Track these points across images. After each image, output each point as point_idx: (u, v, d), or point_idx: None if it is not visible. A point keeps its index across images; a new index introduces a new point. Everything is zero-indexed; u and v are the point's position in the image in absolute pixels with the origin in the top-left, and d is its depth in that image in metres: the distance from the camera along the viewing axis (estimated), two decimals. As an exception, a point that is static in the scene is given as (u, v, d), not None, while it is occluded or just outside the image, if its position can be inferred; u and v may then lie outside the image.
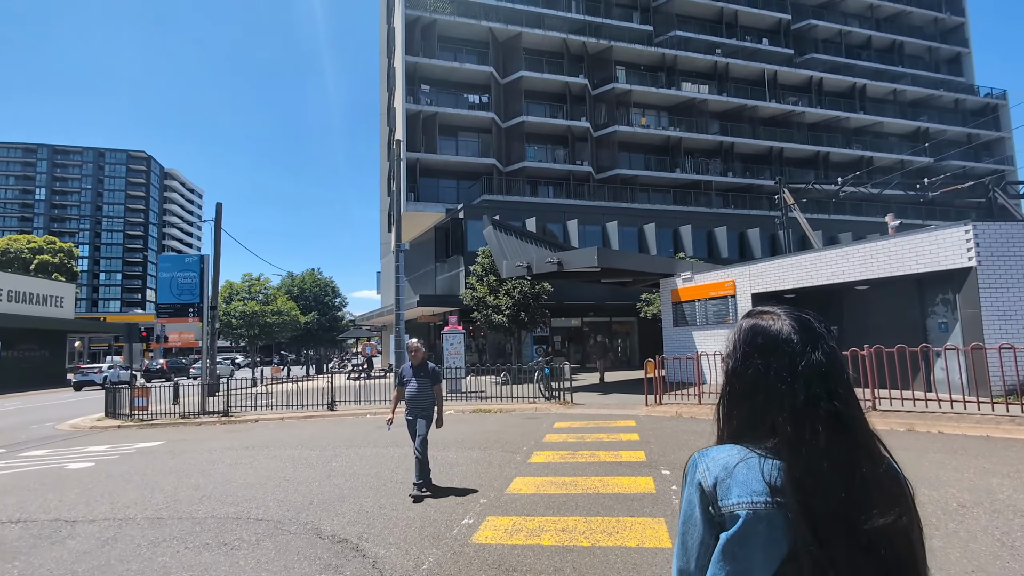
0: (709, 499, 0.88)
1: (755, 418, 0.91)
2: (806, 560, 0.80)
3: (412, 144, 30.17)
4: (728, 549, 0.84)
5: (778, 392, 0.88)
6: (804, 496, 0.82)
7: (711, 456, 0.92)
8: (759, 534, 0.83)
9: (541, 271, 15.58)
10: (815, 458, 0.83)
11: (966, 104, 45.89)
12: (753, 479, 0.85)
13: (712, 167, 37.18)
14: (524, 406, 12.63)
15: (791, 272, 13.21)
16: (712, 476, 0.88)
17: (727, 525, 0.85)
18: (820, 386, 0.87)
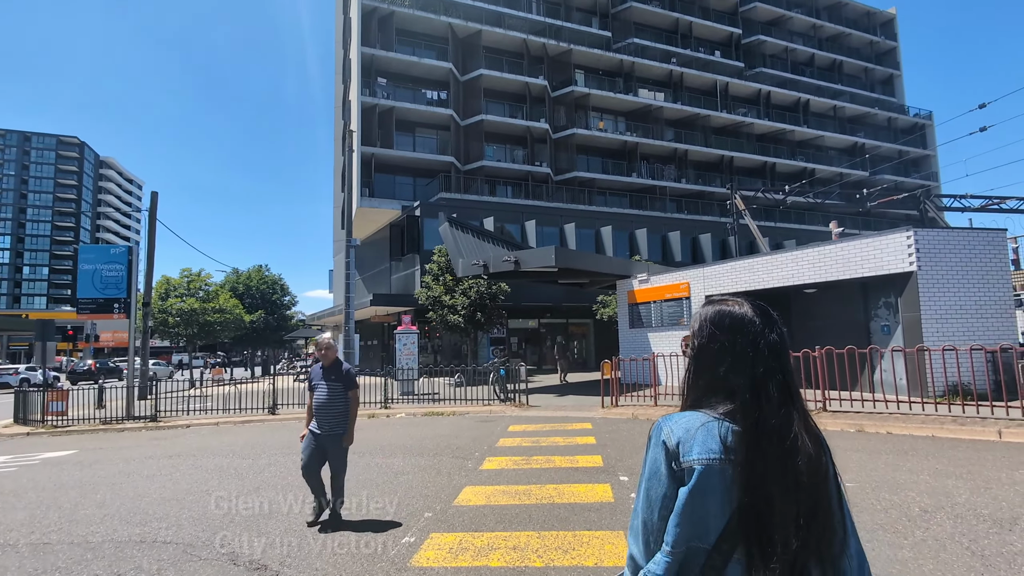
0: (672, 456, 1.00)
1: (716, 386, 1.05)
2: (752, 504, 0.94)
3: (367, 138, 29.22)
4: (688, 500, 0.97)
5: (742, 363, 1.03)
6: (756, 444, 0.97)
7: (675, 420, 1.05)
8: (714, 485, 0.96)
9: (498, 270, 15.22)
10: (768, 416, 0.99)
11: (898, 123, 48.94)
12: (710, 439, 0.99)
13: (667, 173, 37.98)
14: (479, 408, 12.22)
15: (743, 274, 13.40)
16: (676, 437, 1.02)
17: (686, 479, 0.98)
18: (775, 360, 1.04)
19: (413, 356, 16.87)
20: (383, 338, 32.98)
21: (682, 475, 0.98)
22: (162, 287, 25.05)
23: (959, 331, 10.00)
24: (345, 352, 15.04)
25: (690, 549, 0.96)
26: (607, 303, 25.68)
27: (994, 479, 4.59)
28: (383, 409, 12.94)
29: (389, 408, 13.01)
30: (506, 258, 14.62)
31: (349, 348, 14.97)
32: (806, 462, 0.97)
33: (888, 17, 51.54)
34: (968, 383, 9.25)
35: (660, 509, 1.00)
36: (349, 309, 15.13)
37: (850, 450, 6.12)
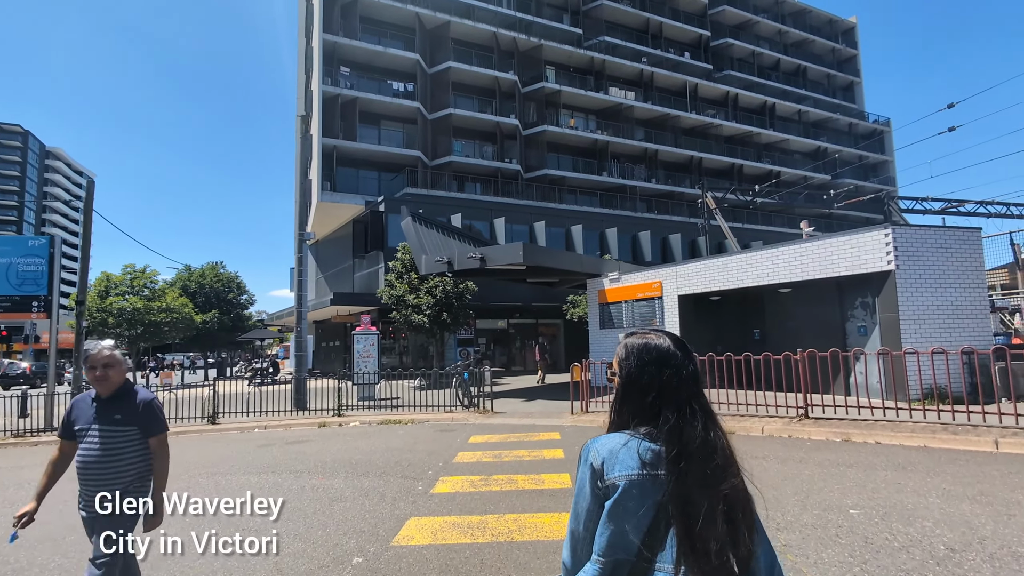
0: (597, 475, 1.13)
1: (642, 411, 1.18)
2: (682, 511, 1.05)
3: (329, 130, 27.90)
4: (610, 512, 1.10)
5: (668, 391, 1.16)
6: (683, 464, 1.08)
7: (600, 443, 1.18)
8: (632, 498, 1.09)
9: (463, 267, 14.38)
10: (692, 437, 1.11)
11: (858, 128, 50.27)
12: (629, 458, 1.11)
13: (637, 173, 37.81)
14: (439, 416, 11.35)
15: (717, 274, 12.95)
16: (600, 458, 1.14)
17: (610, 494, 1.10)
18: (695, 387, 1.18)
19: (372, 359, 15.88)
20: (345, 339, 31.64)
21: (606, 491, 1.12)
22: (101, 284, 23.22)
23: (937, 332, 9.72)
24: (297, 355, 13.93)
25: (617, 560, 1.08)
26: (577, 303, 25.14)
27: (1013, 502, 4.06)
28: (336, 417, 11.93)
29: (343, 416, 12.01)
30: (471, 255, 13.80)
31: (301, 350, 13.87)
32: (730, 473, 1.10)
33: (849, 25, 52.92)
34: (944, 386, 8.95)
35: (586, 521, 1.14)
36: (301, 308, 14.02)
37: (842, 465, 5.56)
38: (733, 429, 7.94)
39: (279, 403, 12.67)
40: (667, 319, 14.08)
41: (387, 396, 14.28)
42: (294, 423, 11.59)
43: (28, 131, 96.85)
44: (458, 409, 11.81)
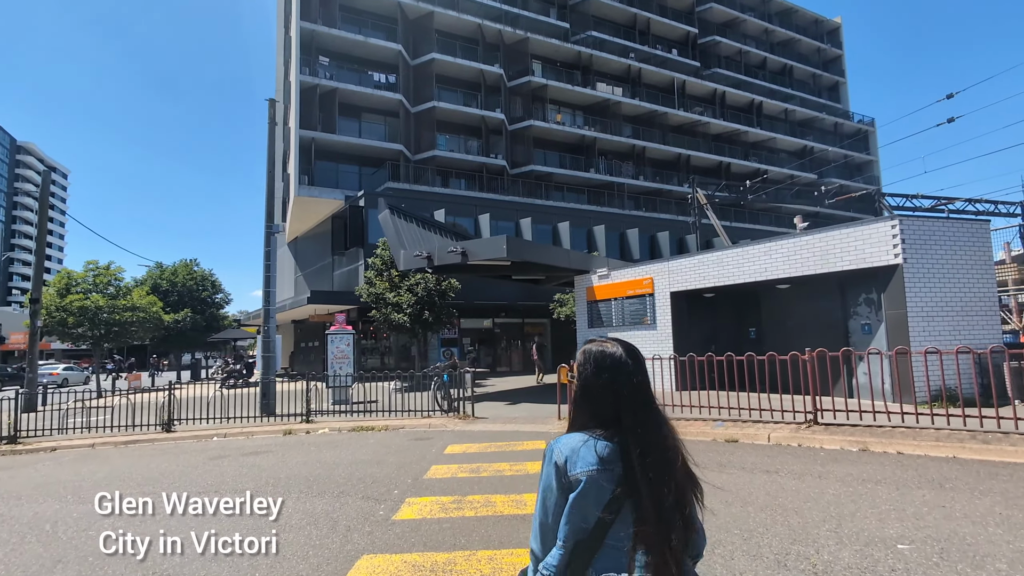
0: (561, 472, 1.28)
1: (598, 412, 1.33)
2: (641, 498, 1.23)
3: (307, 121, 26.82)
4: (573, 503, 1.26)
5: (623, 396, 1.31)
6: (641, 460, 1.24)
7: (563, 442, 1.33)
8: (592, 489, 1.25)
9: (444, 262, 13.54)
10: (648, 436, 1.28)
11: (843, 128, 50.36)
12: (589, 455, 1.27)
13: (625, 170, 37.24)
14: (416, 422, 10.50)
15: (712, 269, 12.28)
16: (564, 456, 1.29)
17: (574, 487, 1.26)
18: (646, 393, 1.34)
19: (348, 360, 14.95)
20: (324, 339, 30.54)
21: (570, 485, 1.27)
22: (61, 282, 21.90)
23: (947, 329, 9.13)
24: (264, 356, 12.97)
25: (577, 542, 1.26)
26: (564, 301, 24.41)
27: (1094, 534, 3.37)
28: (303, 423, 11.01)
29: (311, 422, 11.10)
30: (452, 249, 12.97)
31: (269, 351, 12.91)
32: (678, 467, 1.28)
33: (834, 26, 53.05)
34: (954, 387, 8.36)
35: (553, 513, 1.29)
36: (269, 305, 13.06)
37: (869, 481, 4.86)
38: (736, 436, 7.24)
39: (245, 408, 11.70)
40: (659, 317, 13.39)
41: (363, 400, 13.39)
42: (258, 430, 10.66)
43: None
44: (437, 414, 10.96)
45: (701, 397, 8.54)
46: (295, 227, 32.58)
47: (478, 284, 24.83)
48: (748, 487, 4.94)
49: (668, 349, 12.98)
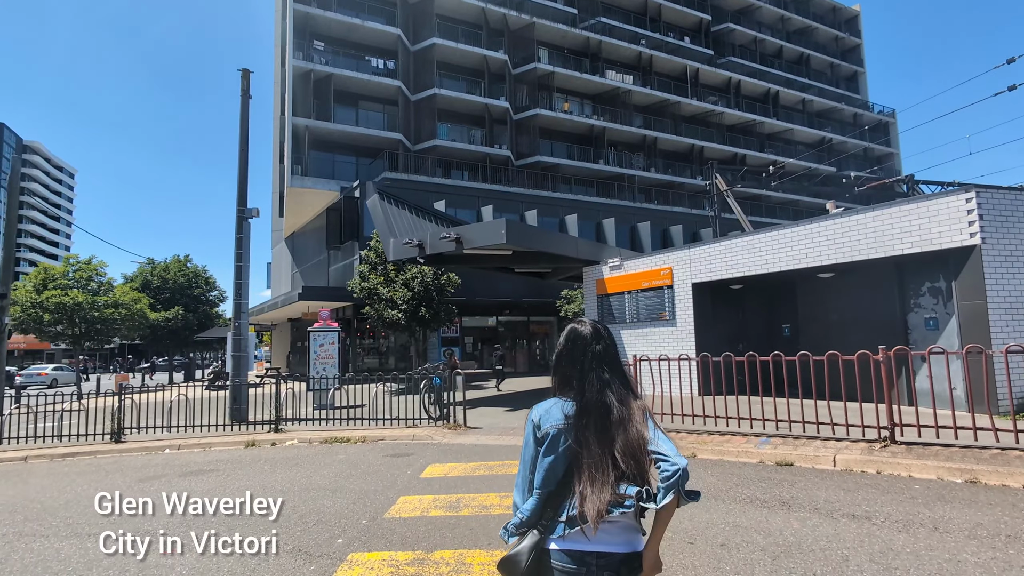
0: (536, 427, 1.56)
1: (567, 379, 1.61)
2: (578, 447, 1.48)
3: (301, 108, 25.50)
4: (544, 452, 1.52)
5: (578, 364, 1.59)
6: (585, 416, 1.51)
7: (540, 405, 1.61)
8: (558, 441, 1.51)
9: (436, 251, 12.09)
10: (592, 397, 1.54)
11: (863, 119, 48.36)
12: (557, 412, 1.54)
13: (635, 162, 35.63)
14: (399, 432, 9.03)
15: (741, 256, 10.70)
16: (538, 416, 1.58)
17: (544, 441, 1.52)
18: (596, 362, 1.58)
19: (332, 360, 13.55)
20: (321, 338, 29.23)
21: (542, 439, 1.53)
22: (38, 277, 20.72)
23: (1038, 324, 7.52)
24: (234, 356, 11.58)
25: (549, 491, 1.49)
26: (572, 298, 22.89)
27: None
28: (271, 433, 9.59)
29: (281, 431, 9.67)
30: (445, 234, 11.50)
31: (240, 350, 11.52)
32: (616, 423, 1.50)
33: (852, 14, 51.04)
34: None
35: (530, 464, 1.54)
36: (240, 299, 11.66)
37: (1018, 539, 3.31)
38: (790, 458, 5.69)
39: (215, 414, 10.28)
40: (678, 312, 11.83)
41: (351, 404, 11.95)
42: (218, 442, 9.24)
43: (3, 124, 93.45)
44: (424, 423, 9.49)
45: (730, 405, 7.02)
46: (292, 221, 31.33)
47: (480, 280, 23.37)
48: (837, 545, 3.42)
49: (689, 348, 11.43)
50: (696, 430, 7.13)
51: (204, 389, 20.19)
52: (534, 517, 1.48)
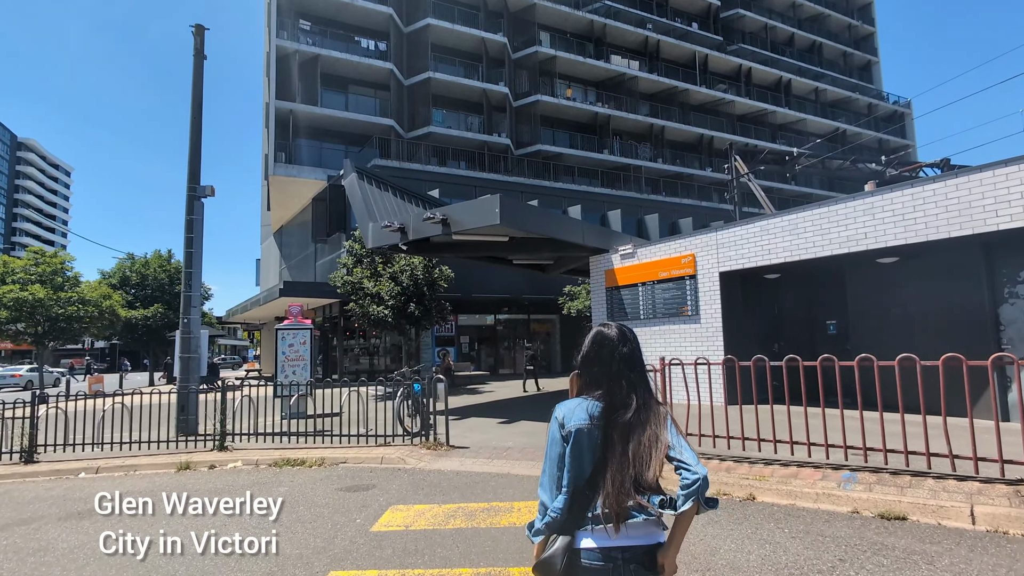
0: (561, 425, 1.58)
1: (592, 380, 1.63)
2: (603, 447, 1.51)
3: (285, 91, 23.83)
4: (571, 451, 1.53)
5: (606, 366, 1.61)
6: (611, 417, 1.54)
7: (564, 405, 1.62)
8: (584, 440, 1.53)
9: (420, 235, 10.38)
10: (617, 398, 1.56)
11: (878, 110, 46.52)
12: (582, 412, 1.57)
13: (641, 152, 33.86)
14: (366, 453, 7.31)
15: (780, 239, 8.97)
16: (562, 413, 1.60)
17: (569, 439, 1.54)
18: (624, 364, 1.61)
19: (303, 362, 11.86)
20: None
21: (567, 436, 1.55)
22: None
23: None
24: (182, 357, 9.88)
25: (576, 489, 1.51)
26: (575, 295, 21.19)
27: None
28: (214, 452, 7.89)
29: (226, 450, 7.97)
30: (429, 215, 9.78)
31: (189, 351, 9.82)
32: (639, 424, 1.53)
33: (866, 1, 49.22)
34: None
35: (558, 462, 1.55)
36: (191, 291, 9.95)
37: None
38: (899, 509, 3.95)
39: (158, 427, 8.56)
40: (703, 306, 10.10)
41: (327, 412, 10.27)
42: (146, 463, 7.55)
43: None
44: (399, 440, 7.77)
45: (768, 419, 5.33)
46: (279, 214, 29.67)
47: (476, 275, 21.69)
48: None
49: (716, 348, 9.71)
50: (744, 457, 5.41)
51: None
52: (564, 515, 1.51)
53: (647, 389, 1.60)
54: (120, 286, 27.42)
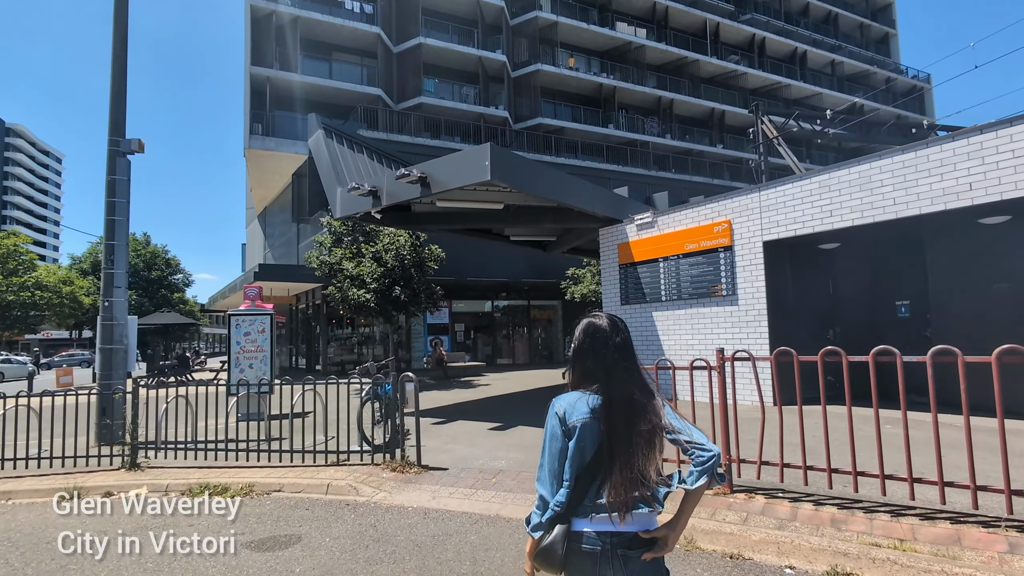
0: (562, 421, 1.56)
1: (587, 373, 1.62)
2: (608, 440, 1.51)
3: (261, 57, 21.77)
4: (575, 447, 1.53)
5: (601, 358, 1.60)
6: (612, 408, 1.53)
7: (563, 398, 1.62)
8: (587, 434, 1.53)
9: (396, 198, 8.50)
10: (617, 390, 1.56)
11: (896, 85, 44.15)
12: (583, 406, 1.55)
13: (649, 126, 31.73)
14: (312, 475, 5.49)
15: (846, 196, 7.06)
16: (562, 409, 1.58)
17: (572, 434, 1.53)
18: (619, 354, 1.60)
19: (263, 355, 10.03)
20: (290, 325, 25.77)
21: (569, 432, 1.54)
22: (-63, 253, 17.26)
23: None
24: (102, 349, 8.05)
25: (578, 480, 1.52)
26: (579, 278, 19.31)
27: None
28: (119, 472, 6.08)
29: (138, 469, 6.16)
30: (404, 172, 7.87)
31: (111, 341, 7.99)
32: (640, 414, 1.53)
33: (884, -31, 46.61)
34: None
35: (559, 457, 1.55)
36: (113, 268, 8.09)
37: None
38: None
39: (80, 436, 6.73)
40: (741, 283, 8.24)
41: (297, 412, 8.45)
42: (22, 489, 5.74)
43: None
44: (359, 458, 5.93)
45: (859, 435, 3.50)
46: (260, 194, 27.70)
47: (472, 258, 19.84)
48: None
49: (759, 336, 7.86)
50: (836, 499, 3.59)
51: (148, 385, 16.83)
52: (566, 509, 1.53)
53: (643, 379, 1.63)
54: (92, 272, 25.61)
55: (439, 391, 13.26)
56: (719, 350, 4.14)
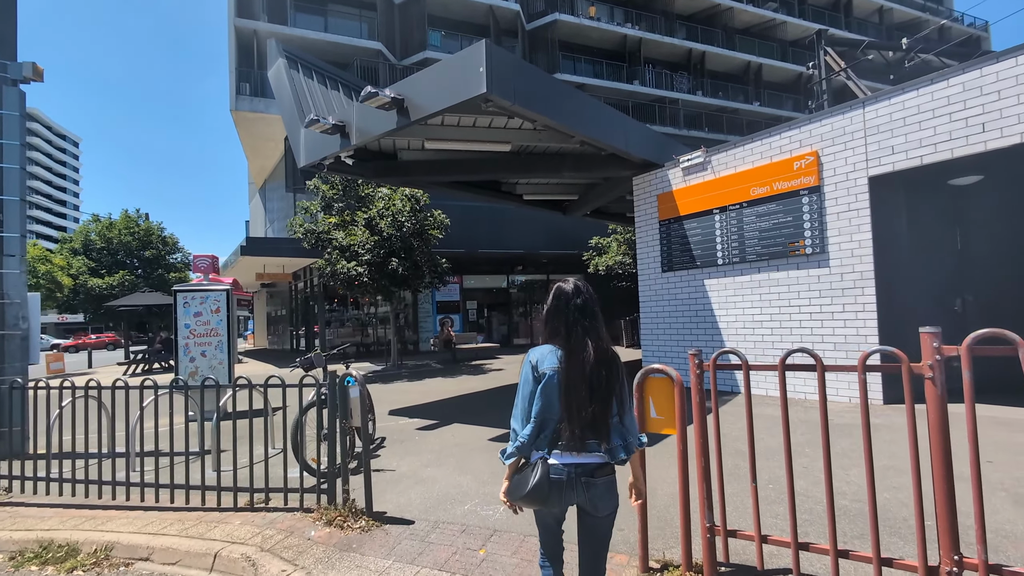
0: (534, 368, 1.82)
1: (556, 330, 1.86)
2: (564, 386, 1.75)
3: (247, 8, 19.65)
4: (542, 390, 1.78)
5: (563, 317, 1.86)
6: (571, 360, 1.77)
7: (537, 350, 1.87)
8: (554, 381, 1.77)
9: (368, 135, 6.44)
10: (575, 345, 1.80)
11: (950, 34, 39.83)
12: (552, 358, 1.80)
13: (678, 83, 28.85)
14: (204, 534, 3.58)
15: (1012, 99, 4.74)
16: (535, 358, 1.84)
17: (541, 380, 1.78)
18: (578, 313, 1.85)
19: (217, 339, 8.18)
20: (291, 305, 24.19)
21: (539, 377, 1.79)
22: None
23: None
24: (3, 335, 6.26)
25: (544, 419, 1.78)
26: (604, 248, 17.12)
27: None
28: (-49, 513, 4.25)
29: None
30: (372, 91, 5.76)
31: (3, 325, 6.19)
32: (594, 367, 1.77)
33: (940, -97, 41.89)
34: None
35: (529, 397, 1.81)
36: (2, 228, 6.28)
37: None
38: None
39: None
40: (833, 235, 6.00)
41: (260, 409, 6.61)
42: None
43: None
44: (282, 499, 3.99)
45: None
46: (258, 165, 25.88)
47: (485, 228, 17.78)
48: None
49: (860, 309, 5.66)
50: None
51: (129, 374, 15.38)
52: (530, 441, 1.79)
53: (600, 337, 1.84)
54: (84, 251, 24.28)
55: (442, 378, 11.38)
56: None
